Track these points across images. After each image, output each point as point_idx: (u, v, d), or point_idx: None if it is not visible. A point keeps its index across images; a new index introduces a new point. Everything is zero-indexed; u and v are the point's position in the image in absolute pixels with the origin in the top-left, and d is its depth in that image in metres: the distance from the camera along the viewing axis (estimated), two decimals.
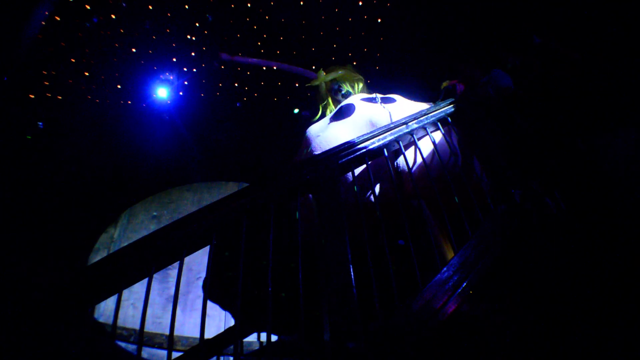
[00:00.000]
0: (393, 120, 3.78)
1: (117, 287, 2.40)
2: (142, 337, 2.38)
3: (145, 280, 2.44)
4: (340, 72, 5.29)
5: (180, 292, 2.41)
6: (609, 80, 3.90)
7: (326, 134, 4.12)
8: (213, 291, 4.59)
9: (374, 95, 4.54)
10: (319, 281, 2.60)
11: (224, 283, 4.41)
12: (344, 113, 4.29)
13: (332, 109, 5.12)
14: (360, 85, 5.25)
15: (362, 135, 3.33)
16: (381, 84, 5.79)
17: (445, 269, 2.64)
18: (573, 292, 2.88)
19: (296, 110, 7.77)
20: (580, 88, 3.96)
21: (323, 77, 5.31)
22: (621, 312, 2.75)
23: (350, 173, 3.20)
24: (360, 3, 6.93)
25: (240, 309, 2.40)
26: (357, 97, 4.61)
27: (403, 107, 4.25)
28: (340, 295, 2.34)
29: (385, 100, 4.42)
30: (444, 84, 4.87)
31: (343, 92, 5.15)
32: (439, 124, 3.73)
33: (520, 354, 2.65)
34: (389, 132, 3.42)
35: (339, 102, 5.06)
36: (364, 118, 4.10)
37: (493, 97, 4.09)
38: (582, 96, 3.93)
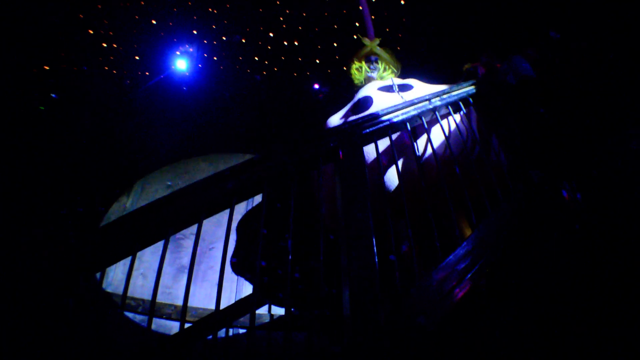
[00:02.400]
0: None
1: (131, 248, 2.34)
2: (153, 307, 2.31)
3: (156, 250, 2.38)
4: (387, 53, 5.19)
5: (189, 263, 2.35)
6: (629, 76, 3.86)
7: None
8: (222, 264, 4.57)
9: (391, 82, 4.47)
10: (338, 254, 2.55)
11: (240, 256, 4.37)
12: (362, 106, 4.22)
13: (358, 79, 5.03)
14: (396, 74, 5.14)
15: (387, 108, 3.27)
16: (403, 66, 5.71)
17: (465, 243, 2.59)
18: (585, 281, 2.84)
19: (315, 87, 7.72)
20: (599, 83, 3.93)
21: (374, 45, 5.20)
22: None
23: (372, 147, 3.15)
24: None
25: (259, 278, 2.35)
26: (375, 85, 4.53)
27: (420, 94, 4.18)
28: (361, 265, 2.28)
29: (402, 88, 4.35)
30: (466, 66, 4.83)
31: (373, 67, 5.04)
32: (460, 103, 3.69)
33: (534, 334, 2.62)
34: (412, 107, 3.36)
35: (366, 74, 4.98)
36: None
37: (512, 83, 4.09)
38: (602, 91, 3.89)
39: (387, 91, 4.32)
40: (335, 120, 4.43)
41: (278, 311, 4.61)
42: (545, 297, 2.76)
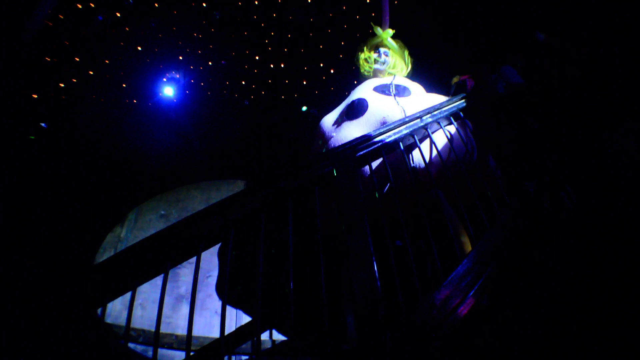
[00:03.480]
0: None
1: (130, 284, 2.34)
2: (157, 337, 2.31)
3: (153, 280, 2.38)
4: (399, 47, 5.11)
5: (190, 292, 2.35)
6: (619, 75, 3.89)
7: (340, 135, 4.05)
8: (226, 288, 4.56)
9: (389, 82, 4.46)
10: (338, 277, 2.55)
11: (238, 281, 4.35)
12: (356, 110, 4.19)
13: (365, 69, 4.98)
14: (404, 72, 5.06)
15: (378, 129, 3.31)
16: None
17: (465, 260, 2.60)
18: (588, 285, 2.86)
19: (304, 108, 7.72)
20: (589, 83, 3.96)
21: (385, 36, 5.12)
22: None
23: (367, 167, 3.17)
24: None
25: (260, 305, 2.34)
26: (371, 85, 4.51)
27: (417, 102, 4.18)
28: (365, 289, 2.28)
29: (399, 91, 4.33)
30: (455, 80, 4.85)
31: (383, 61, 4.97)
32: (451, 118, 3.78)
33: (538, 346, 2.62)
34: (404, 126, 3.41)
35: (374, 66, 4.92)
36: (377, 117, 4.02)
37: (503, 94, 4.12)
38: (592, 91, 3.92)
39: (382, 92, 4.29)
40: (329, 120, 4.41)
41: (279, 336, 4.59)
42: (548, 309, 2.76)
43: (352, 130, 3.98)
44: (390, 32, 5.08)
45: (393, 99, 4.19)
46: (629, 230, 3.12)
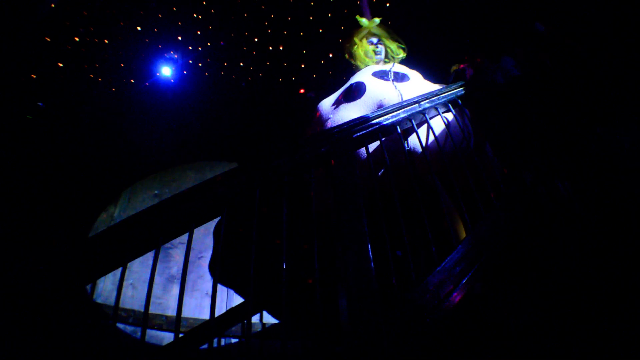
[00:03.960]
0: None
1: (121, 259, 2.30)
2: (146, 318, 2.27)
3: (145, 260, 2.34)
4: (388, 34, 5.09)
5: (181, 272, 2.31)
6: (620, 70, 3.88)
7: (337, 116, 4.04)
8: (217, 270, 4.55)
9: (388, 68, 4.44)
10: (332, 259, 2.52)
11: (230, 261, 4.33)
12: (354, 93, 4.18)
13: (361, 59, 4.96)
14: (400, 55, 5.04)
15: (376, 111, 3.28)
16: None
17: (460, 247, 2.59)
18: (583, 277, 2.86)
19: (302, 91, 7.68)
20: (590, 78, 3.95)
21: (370, 25, 5.10)
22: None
23: (363, 150, 3.14)
24: None
25: (252, 287, 2.31)
26: (369, 70, 4.49)
27: (415, 88, 4.17)
28: (358, 271, 2.26)
29: (397, 77, 4.32)
30: (454, 67, 4.83)
31: (378, 51, 4.95)
32: (450, 105, 3.76)
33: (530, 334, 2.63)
34: (401, 110, 3.39)
35: (366, 56, 4.91)
36: (374, 100, 4.02)
37: (502, 83, 4.12)
38: (593, 87, 3.92)
39: (381, 78, 4.28)
40: (327, 104, 4.40)
41: (270, 320, 4.58)
42: (543, 297, 2.77)
43: (349, 112, 3.97)
44: (377, 20, 5.10)
45: (391, 84, 4.17)
46: (624, 221, 3.13)
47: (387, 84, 4.17)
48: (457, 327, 2.38)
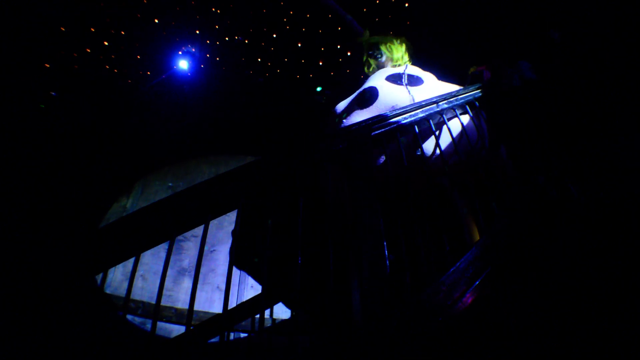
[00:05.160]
0: None
1: (134, 250, 2.30)
2: (158, 311, 2.27)
3: (156, 252, 2.34)
4: (385, 38, 5.13)
5: (192, 265, 2.31)
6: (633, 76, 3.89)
7: (350, 122, 4.04)
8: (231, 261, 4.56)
9: (402, 70, 4.44)
10: (345, 255, 2.52)
11: (243, 255, 4.33)
12: (367, 99, 4.17)
13: (373, 68, 4.99)
14: (403, 54, 5.05)
15: (395, 110, 3.26)
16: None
17: (474, 248, 2.58)
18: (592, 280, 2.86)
19: (319, 88, 7.69)
20: (603, 82, 3.96)
21: (365, 39, 5.15)
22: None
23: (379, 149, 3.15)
24: None
25: (266, 279, 2.31)
26: (383, 74, 4.49)
27: (429, 91, 4.16)
28: (373, 266, 2.25)
29: (411, 81, 4.31)
30: (472, 70, 4.83)
31: (380, 58, 4.98)
32: (467, 106, 3.74)
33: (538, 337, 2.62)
34: (420, 110, 3.39)
35: (377, 64, 4.94)
36: (387, 105, 4.01)
37: (518, 87, 4.12)
38: (605, 91, 3.92)
39: (394, 82, 4.27)
40: (340, 107, 4.41)
41: (280, 315, 4.58)
42: (543, 297, 2.77)
43: (361, 118, 3.97)
44: (367, 33, 5.23)
45: (405, 88, 4.17)
46: (624, 221, 3.14)
47: (400, 89, 4.16)
48: (459, 327, 2.37)
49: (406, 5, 7.04)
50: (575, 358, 2.56)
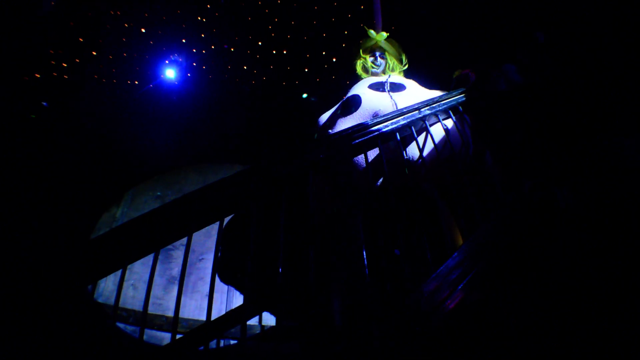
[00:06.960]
0: None
1: (123, 261, 2.33)
2: (145, 318, 2.31)
3: (146, 261, 2.37)
4: (394, 48, 5.09)
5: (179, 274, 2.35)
6: (622, 72, 3.88)
7: (334, 131, 4.06)
8: (215, 273, 4.57)
9: (384, 79, 4.46)
10: (328, 263, 2.55)
11: (229, 264, 4.37)
12: (350, 107, 4.19)
13: (363, 75, 4.96)
14: (398, 69, 5.04)
15: (375, 118, 3.28)
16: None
17: (455, 254, 2.60)
18: (581, 284, 2.87)
19: (304, 95, 7.71)
20: (591, 85, 3.95)
21: (378, 38, 5.10)
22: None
23: (361, 157, 3.17)
24: None
25: (249, 289, 2.34)
26: (366, 83, 4.51)
27: (411, 97, 4.18)
28: (352, 275, 2.29)
29: (393, 88, 4.33)
30: (456, 73, 4.81)
31: (378, 63, 4.95)
32: (450, 112, 3.73)
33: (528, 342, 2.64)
34: (401, 117, 3.38)
35: (371, 67, 4.91)
36: (369, 112, 4.03)
37: (505, 90, 4.11)
38: (593, 93, 3.92)
39: (377, 90, 4.28)
40: (324, 118, 4.43)
41: (269, 322, 4.61)
42: (543, 297, 2.78)
43: (345, 125, 3.98)
44: (384, 34, 5.07)
45: (387, 95, 4.19)
46: (624, 221, 3.14)
47: (383, 95, 4.18)
48: (458, 327, 2.39)
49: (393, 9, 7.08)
50: (575, 358, 2.57)
